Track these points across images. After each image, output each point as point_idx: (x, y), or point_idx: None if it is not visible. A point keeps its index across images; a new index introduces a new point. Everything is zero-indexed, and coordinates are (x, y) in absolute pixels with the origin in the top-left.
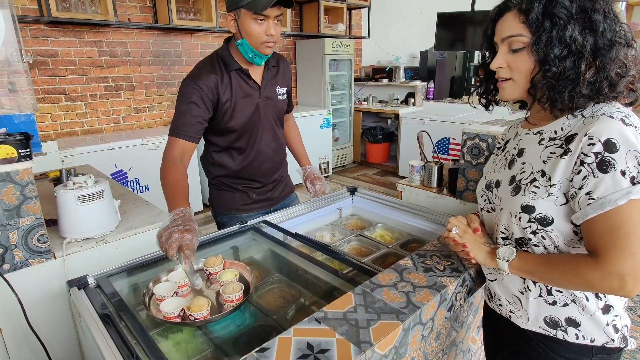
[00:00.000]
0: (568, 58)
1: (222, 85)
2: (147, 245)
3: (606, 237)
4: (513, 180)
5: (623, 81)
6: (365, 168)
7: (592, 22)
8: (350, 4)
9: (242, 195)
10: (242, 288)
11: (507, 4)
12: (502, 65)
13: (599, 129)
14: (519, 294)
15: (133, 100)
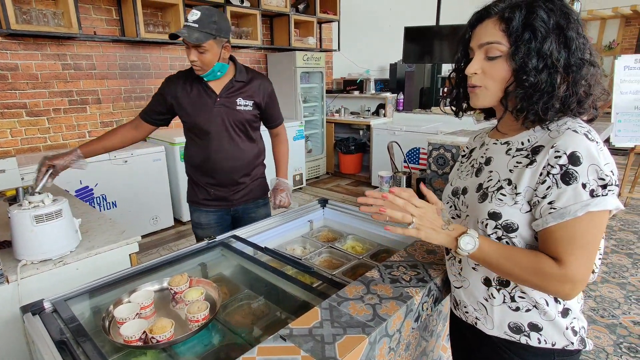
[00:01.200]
0: (544, 71)
1: (182, 88)
2: (110, 266)
3: (565, 244)
4: (480, 187)
5: (589, 99)
6: (339, 179)
7: (567, 38)
8: (320, 18)
9: (202, 190)
10: (207, 306)
11: (488, 11)
12: (477, 71)
13: (565, 142)
14: (483, 301)
15: (100, 115)
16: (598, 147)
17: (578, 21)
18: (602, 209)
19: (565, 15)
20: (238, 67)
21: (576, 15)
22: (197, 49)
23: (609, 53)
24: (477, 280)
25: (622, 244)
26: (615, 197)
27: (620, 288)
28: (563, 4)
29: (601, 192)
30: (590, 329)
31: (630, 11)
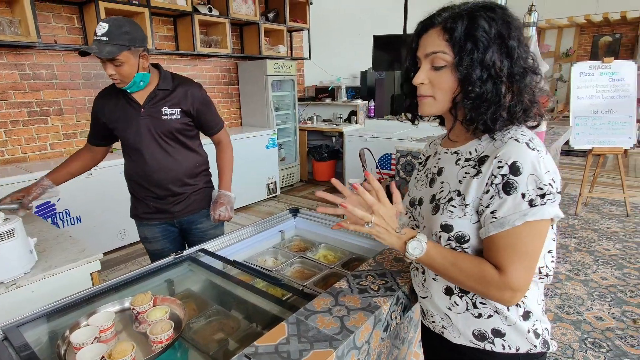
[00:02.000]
0: (488, 81)
1: (109, 102)
2: (70, 286)
3: (505, 253)
4: (434, 199)
5: (534, 107)
6: (313, 186)
7: (509, 48)
8: (290, 27)
9: (141, 203)
10: (172, 326)
11: (432, 20)
12: (424, 82)
13: (507, 152)
14: (447, 310)
15: (62, 126)
16: (539, 155)
17: (519, 29)
18: (540, 218)
19: (506, 24)
20: (162, 75)
21: (517, 23)
22: (113, 62)
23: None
24: (438, 290)
25: (584, 242)
26: (553, 206)
27: (583, 285)
28: (504, 12)
29: (540, 202)
30: (557, 327)
31: (584, 20)
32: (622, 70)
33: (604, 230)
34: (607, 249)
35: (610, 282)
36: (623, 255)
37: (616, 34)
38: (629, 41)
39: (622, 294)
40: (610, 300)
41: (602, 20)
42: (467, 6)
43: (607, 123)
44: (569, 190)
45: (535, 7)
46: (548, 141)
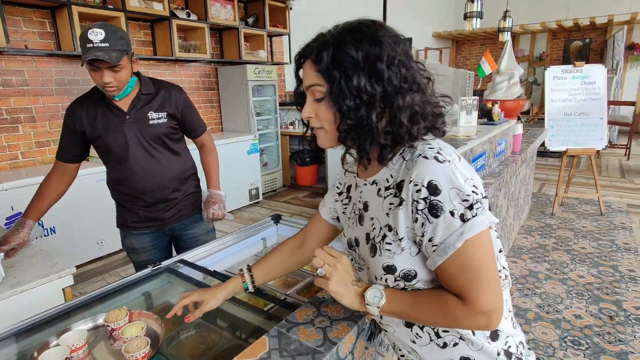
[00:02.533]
0: (361, 109)
1: (87, 112)
2: (41, 303)
3: (460, 278)
4: (368, 238)
5: (420, 126)
6: (296, 191)
7: (377, 70)
8: (270, 32)
9: (130, 213)
10: (148, 343)
11: (303, 53)
12: (310, 115)
13: (419, 173)
14: (412, 344)
15: (34, 134)
16: (452, 166)
17: (393, 45)
18: (477, 232)
19: (376, 43)
20: (143, 80)
21: (391, 39)
22: (113, 69)
23: (540, 64)
24: (399, 323)
25: (561, 241)
26: (485, 213)
27: (562, 284)
28: (374, 30)
29: (470, 214)
30: (537, 326)
31: (556, 26)
32: (593, 74)
33: (580, 229)
34: (583, 248)
35: (587, 280)
36: (598, 253)
37: (586, 39)
38: (598, 45)
39: (598, 291)
40: (588, 297)
41: (573, 26)
42: (335, 31)
43: (580, 125)
44: (546, 190)
45: (510, 12)
46: (525, 143)
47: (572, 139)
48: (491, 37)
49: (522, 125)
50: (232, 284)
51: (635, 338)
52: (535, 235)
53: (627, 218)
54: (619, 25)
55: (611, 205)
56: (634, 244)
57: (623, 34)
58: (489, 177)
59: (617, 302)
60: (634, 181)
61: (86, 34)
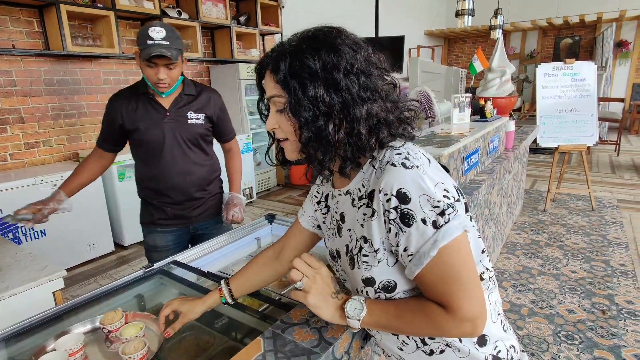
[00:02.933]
0: (319, 119)
1: (128, 105)
2: (31, 307)
3: (440, 287)
4: (347, 250)
5: (381, 136)
6: (290, 190)
7: (334, 80)
8: (262, 30)
9: (158, 210)
10: (146, 344)
11: (262, 63)
12: (274, 126)
13: (388, 182)
14: (399, 351)
15: (23, 135)
16: (419, 171)
17: (352, 54)
18: (451, 238)
19: (334, 52)
20: (186, 82)
21: (350, 46)
22: (169, 66)
23: (531, 61)
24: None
25: (554, 237)
26: (459, 218)
27: (555, 279)
28: (331, 37)
29: (443, 221)
30: (531, 321)
31: (546, 23)
32: (583, 71)
33: (572, 224)
34: (575, 243)
35: (579, 275)
36: (590, 249)
37: (576, 36)
38: (587, 43)
39: (591, 286)
40: (581, 292)
41: (563, 24)
42: (293, 40)
43: (571, 121)
44: (538, 186)
45: (501, 10)
46: (517, 140)
47: (563, 136)
48: (483, 34)
49: (515, 122)
50: (210, 299)
51: (627, 332)
52: (528, 231)
53: (618, 213)
54: (608, 23)
55: (602, 200)
56: (625, 238)
57: (612, 32)
58: (482, 173)
59: (609, 296)
60: (623, 176)
61: (147, 31)
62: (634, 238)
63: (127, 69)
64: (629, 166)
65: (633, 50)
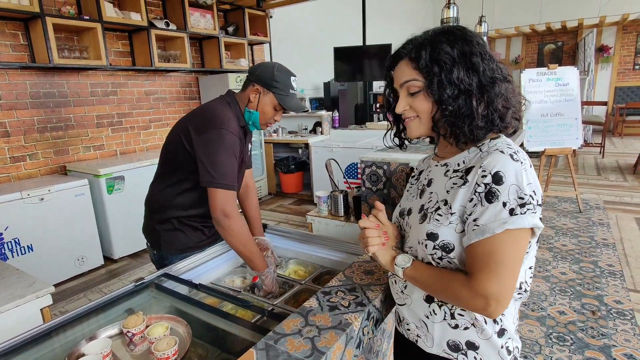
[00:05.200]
0: (460, 97)
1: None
2: (18, 325)
3: (482, 260)
4: (422, 209)
5: (509, 112)
6: (282, 199)
7: (473, 64)
8: (251, 40)
9: (198, 233)
10: (177, 342)
11: (399, 54)
12: (405, 108)
13: (490, 162)
14: (425, 319)
15: (8, 149)
16: (522, 167)
17: (481, 44)
18: (519, 227)
19: (467, 43)
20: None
21: (479, 39)
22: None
23: (516, 67)
24: (419, 297)
25: (543, 239)
26: (534, 217)
27: (545, 281)
28: (464, 32)
29: (520, 211)
30: (524, 324)
31: (530, 30)
32: (566, 76)
33: (560, 226)
34: (564, 245)
35: (569, 277)
36: (579, 250)
37: (558, 42)
38: (570, 48)
39: (580, 287)
40: (570, 294)
41: (546, 30)
42: (428, 34)
43: (556, 125)
44: None
45: (485, 18)
46: None
47: (549, 139)
48: None
49: None
50: None
51: (617, 331)
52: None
53: (605, 214)
54: (589, 29)
55: (589, 202)
56: (612, 239)
57: (593, 37)
58: None
59: (599, 297)
60: (609, 178)
61: (290, 79)
62: (620, 238)
63: (115, 80)
64: (614, 168)
65: (614, 55)
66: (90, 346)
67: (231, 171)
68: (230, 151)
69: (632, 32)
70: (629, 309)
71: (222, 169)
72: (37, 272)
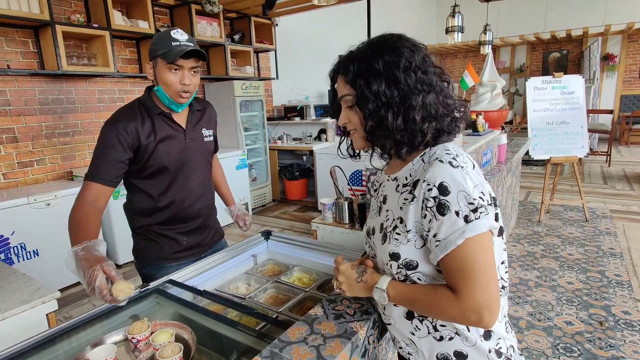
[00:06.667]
0: (381, 110)
1: (142, 128)
2: (24, 330)
3: (457, 274)
4: (382, 228)
5: (431, 125)
6: (286, 205)
7: (394, 76)
8: (256, 48)
9: (171, 242)
10: (181, 349)
11: (335, 69)
12: (345, 121)
13: (432, 174)
14: (411, 336)
15: (17, 154)
16: (464, 172)
17: (409, 54)
18: (477, 232)
19: (394, 53)
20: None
21: (410, 48)
22: (193, 69)
23: (521, 75)
24: (400, 316)
25: (549, 249)
26: (488, 218)
27: (551, 291)
28: (393, 42)
29: (474, 217)
30: (530, 334)
31: (535, 38)
32: (572, 84)
33: (567, 235)
34: (570, 254)
35: (576, 287)
36: (585, 259)
37: (563, 50)
38: (575, 56)
39: (587, 297)
40: (577, 304)
41: (550, 38)
42: (361, 46)
43: (562, 134)
44: (532, 198)
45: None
46: (510, 153)
47: (555, 148)
48: (473, 49)
49: (507, 135)
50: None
51: (625, 343)
52: (523, 242)
53: (612, 223)
54: (594, 37)
55: (595, 211)
56: (619, 249)
57: (598, 45)
58: None
59: (606, 307)
60: (615, 187)
61: (169, 34)
62: (628, 248)
63: (122, 87)
64: (621, 176)
65: (619, 63)
66: (95, 352)
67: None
68: (103, 144)
69: (637, 41)
70: (638, 319)
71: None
72: (42, 277)
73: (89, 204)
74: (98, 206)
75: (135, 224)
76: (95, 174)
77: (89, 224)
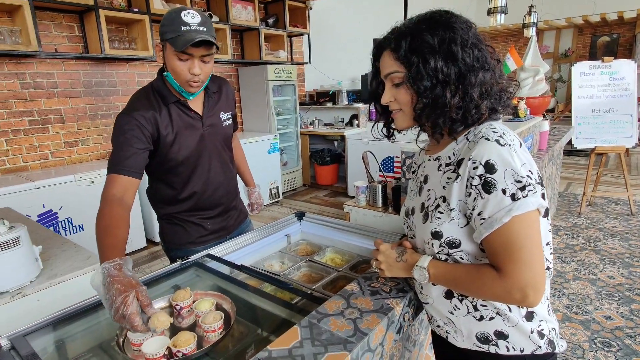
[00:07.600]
0: (437, 87)
1: (160, 118)
2: (76, 294)
3: (502, 252)
4: (423, 207)
5: (487, 102)
6: (316, 190)
7: (452, 52)
8: (290, 32)
9: (196, 227)
10: (222, 317)
11: (381, 45)
12: (390, 100)
13: (479, 152)
14: (449, 315)
15: (63, 134)
16: (511, 149)
17: (464, 29)
18: (525, 210)
19: (449, 29)
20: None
21: (463, 24)
22: (204, 58)
23: (566, 60)
24: (439, 295)
25: (590, 242)
26: (536, 197)
27: (591, 284)
28: (447, 18)
29: (521, 195)
30: (566, 327)
31: (582, 21)
32: (622, 70)
33: (609, 229)
34: (612, 248)
35: (617, 281)
36: (629, 254)
37: (614, 34)
38: (626, 41)
39: (629, 292)
40: (619, 299)
41: (600, 21)
42: (410, 22)
43: (609, 122)
44: (573, 190)
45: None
46: (551, 141)
47: (601, 137)
48: (514, 34)
49: (549, 122)
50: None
51: None
52: (562, 235)
53: None
54: None
55: None
56: None
57: None
58: None
59: None
60: None
61: (179, 15)
62: None
63: None
64: None
65: None
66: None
67: (120, 154)
68: (123, 134)
69: None
70: None
71: (113, 154)
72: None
73: (117, 201)
74: (126, 202)
75: (160, 211)
76: (120, 166)
77: (118, 229)
